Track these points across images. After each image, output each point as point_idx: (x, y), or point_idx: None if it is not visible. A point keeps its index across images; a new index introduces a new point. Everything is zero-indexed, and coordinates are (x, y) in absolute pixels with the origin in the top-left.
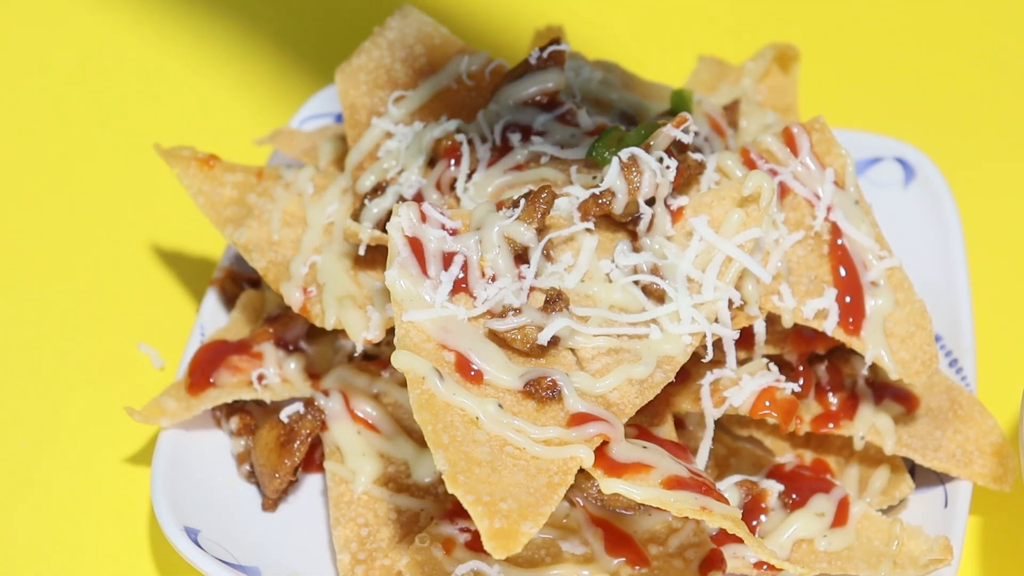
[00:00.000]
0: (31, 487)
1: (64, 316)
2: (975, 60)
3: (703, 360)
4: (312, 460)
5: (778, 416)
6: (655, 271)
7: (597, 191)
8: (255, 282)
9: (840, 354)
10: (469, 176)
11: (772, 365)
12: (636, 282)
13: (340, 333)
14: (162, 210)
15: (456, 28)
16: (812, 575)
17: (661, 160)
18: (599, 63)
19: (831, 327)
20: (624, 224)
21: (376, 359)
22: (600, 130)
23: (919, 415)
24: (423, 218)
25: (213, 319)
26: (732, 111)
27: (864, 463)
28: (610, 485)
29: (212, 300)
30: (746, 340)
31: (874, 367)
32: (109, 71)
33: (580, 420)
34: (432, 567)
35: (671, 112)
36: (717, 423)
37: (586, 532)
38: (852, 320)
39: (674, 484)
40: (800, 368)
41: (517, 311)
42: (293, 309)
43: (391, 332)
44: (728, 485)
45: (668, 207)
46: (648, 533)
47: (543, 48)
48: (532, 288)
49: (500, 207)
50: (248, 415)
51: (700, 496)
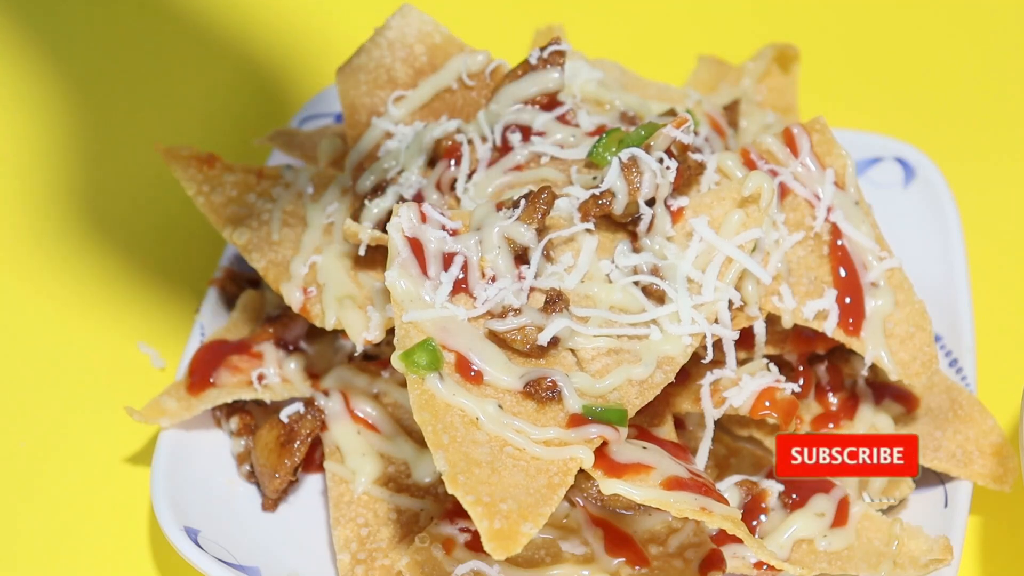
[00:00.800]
0: (31, 487)
1: (64, 316)
2: (975, 60)
3: (703, 361)
4: (312, 460)
5: (778, 416)
6: (655, 272)
7: (597, 191)
8: (255, 282)
9: (840, 354)
10: (469, 176)
11: (772, 365)
12: (636, 283)
13: (340, 333)
14: (162, 210)
15: (456, 28)
16: (812, 575)
17: (661, 161)
18: (599, 63)
19: (831, 328)
20: (624, 225)
21: (376, 359)
22: (600, 130)
23: (919, 415)
24: (423, 218)
25: (213, 319)
26: (732, 111)
27: None
28: (610, 486)
29: (212, 300)
30: (746, 340)
31: (874, 367)
32: (109, 71)
33: (580, 421)
34: (432, 567)
35: (665, 115)
36: (717, 423)
37: (586, 532)
38: (852, 321)
39: (674, 485)
40: (800, 368)
41: (517, 312)
42: (293, 309)
43: (391, 332)
44: (728, 485)
45: (668, 207)
46: (648, 533)
47: (543, 48)
48: (532, 288)
49: (500, 207)
50: (248, 415)
51: (700, 497)
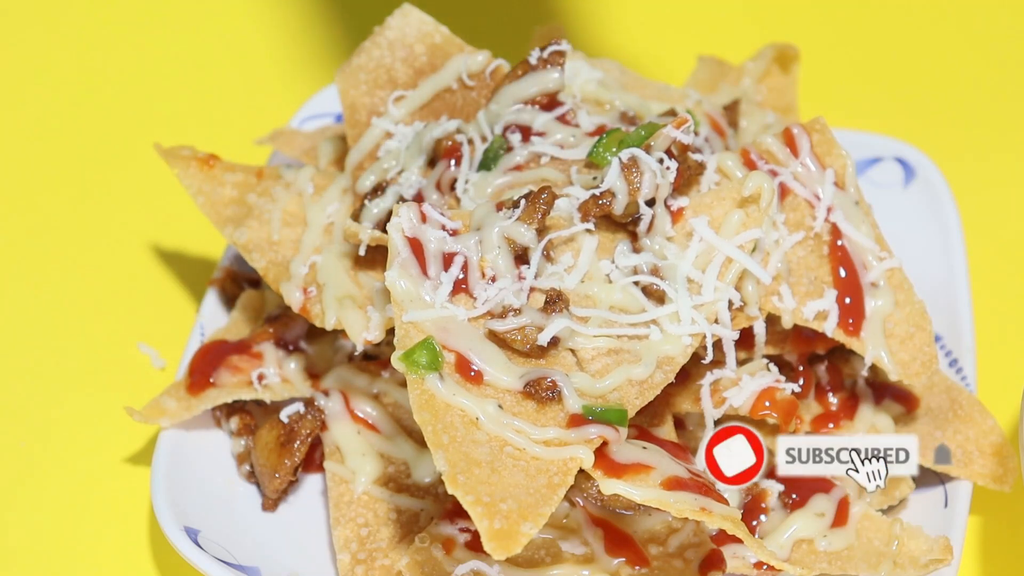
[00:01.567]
0: (31, 487)
1: (64, 316)
2: (975, 60)
3: (703, 361)
4: (312, 460)
5: (778, 416)
6: (655, 272)
7: (597, 192)
8: (255, 282)
9: (840, 354)
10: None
11: (772, 365)
12: (636, 283)
13: (340, 333)
14: (162, 210)
15: (456, 28)
16: (812, 575)
17: (661, 161)
18: (599, 63)
19: (831, 328)
20: (624, 225)
21: (376, 359)
22: (600, 131)
23: (919, 415)
24: (423, 218)
25: (213, 319)
26: (732, 111)
27: None
28: (610, 486)
29: (212, 300)
30: (746, 340)
31: (874, 367)
32: (109, 71)
33: (580, 421)
34: (432, 567)
35: (665, 115)
36: (717, 423)
37: (586, 532)
38: (852, 321)
39: (674, 485)
40: (800, 368)
41: (517, 312)
42: (293, 309)
43: (391, 332)
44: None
45: (668, 208)
46: (648, 533)
47: (543, 48)
48: (532, 289)
49: (500, 207)
50: (248, 415)
51: (700, 497)
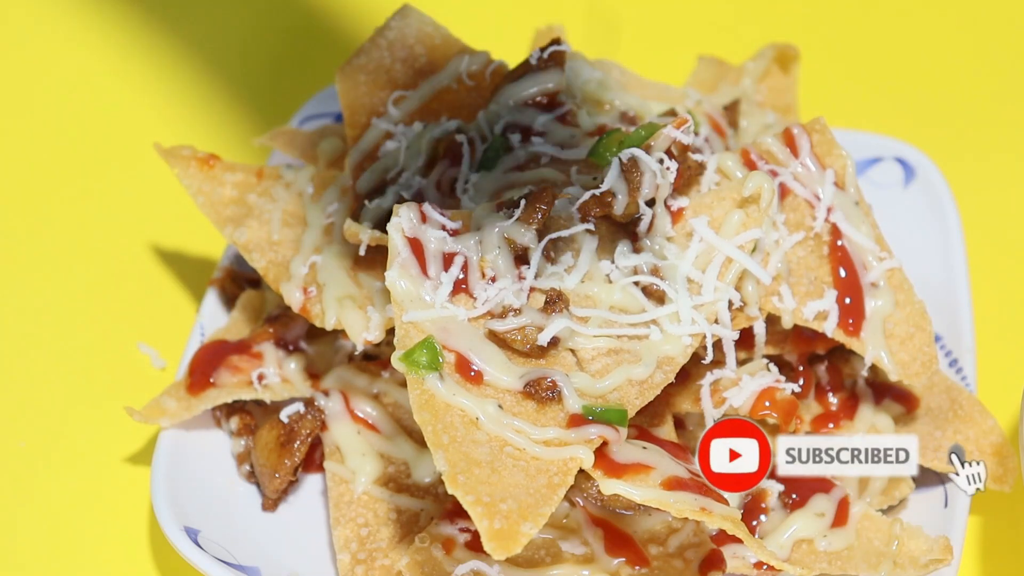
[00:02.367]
0: (31, 487)
1: (64, 316)
2: (975, 60)
3: (703, 361)
4: (312, 460)
5: (778, 416)
6: (655, 272)
7: (597, 192)
8: (255, 282)
9: (840, 354)
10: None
11: (772, 365)
12: (636, 283)
13: (340, 333)
14: (162, 210)
15: (456, 28)
16: (812, 575)
17: (661, 161)
18: (599, 63)
19: (831, 328)
20: (624, 225)
21: (376, 359)
22: (600, 131)
23: (919, 415)
24: (423, 218)
25: (213, 319)
26: (732, 111)
27: None
28: (610, 486)
29: (212, 300)
30: (746, 340)
31: (874, 367)
32: (109, 71)
33: (580, 421)
34: (432, 567)
35: (666, 115)
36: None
37: (586, 532)
38: (852, 321)
39: (674, 485)
40: (800, 368)
41: (517, 312)
42: (293, 309)
43: (391, 332)
44: None
45: (668, 208)
46: (648, 533)
47: (543, 48)
48: (532, 289)
49: (500, 208)
50: (248, 415)
51: (700, 497)
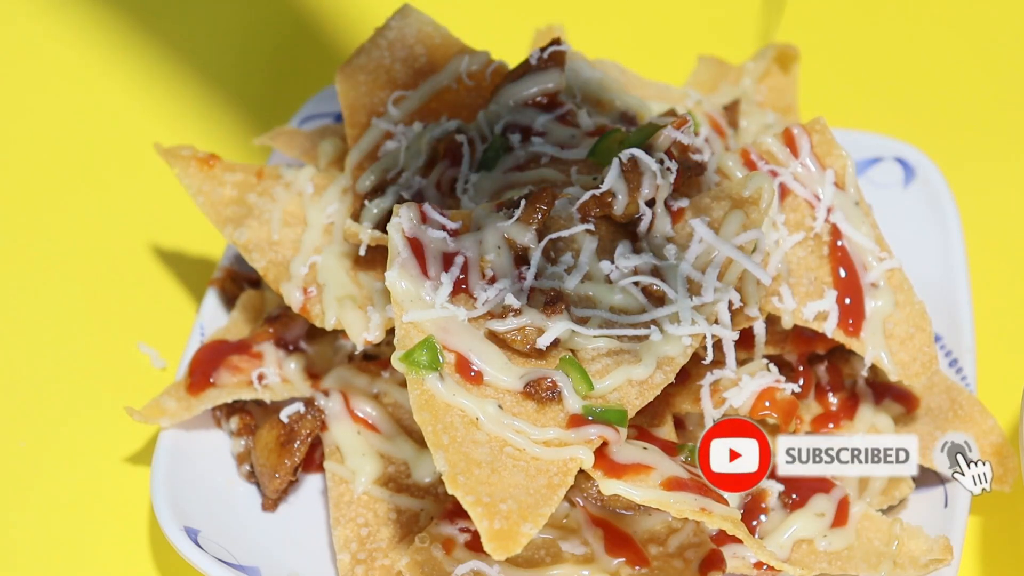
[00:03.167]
0: (31, 487)
1: (64, 316)
2: (975, 60)
3: (703, 361)
4: (312, 460)
5: (778, 417)
6: (655, 272)
7: (597, 192)
8: (255, 282)
9: (840, 354)
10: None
11: (772, 365)
12: (636, 283)
13: (340, 333)
14: (162, 210)
15: (456, 28)
16: (812, 575)
17: (661, 161)
18: (599, 63)
19: (831, 329)
20: (624, 225)
21: (376, 359)
22: (600, 131)
23: (919, 415)
24: (423, 218)
25: (213, 319)
26: (732, 111)
27: None
28: (610, 486)
29: (212, 300)
30: (746, 341)
31: (874, 367)
32: (109, 70)
33: (580, 421)
34: (432, 567)
35: (666, 116)
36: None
37: (586, 532)
38: (852, 322)
39: (674, 485)
40: (800, 368)
41: (517, 312)
42: (293, 309)
43: (391, 332)
44: None
45: (668, 208)
46: (648, 533)
47: (543, 48)
48: (532, 289)
49: (500, 208)
50: (248, 415)
51: (700, 497)
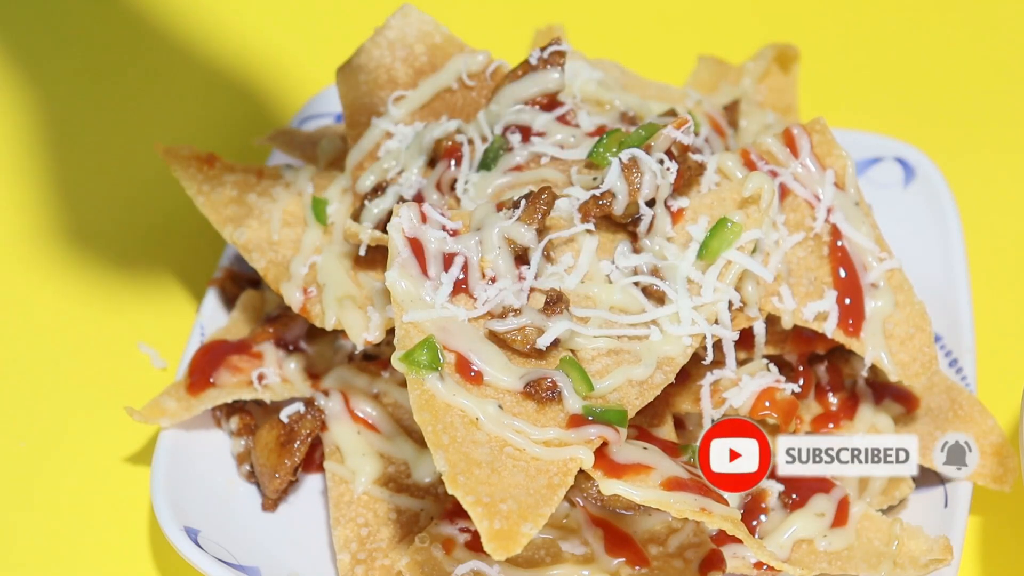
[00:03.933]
0: (31, 487)
1: (64, 316)
2: (975, 60)
3: (703, 361)
4: (312, 460)
5: (778, 417)
6: (655, 272)
7: (597, 192)
8: (255, 282)
9: (840, 354)
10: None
11: (772, 366)
12: (636, 283)
13: (340, 333)
14: (162, 210)
15: (456, 28)
16: (812, 575)
17: (661, 162)
18: (599, 63)
19: (831, 329)
20: (624, 225)
21: (376, 359)
22: (600, 131)
23: (919, 415)
24: (423, 219)
25: (213, 319)
26: (732, 111)
27: None
28: (610, 486)
29: (212, 300)
30: (746, 341)
31: (874, 367)
32: (109, 71)
33: (580, 421)
34: (432, 567)
35: (666, 116)
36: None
37: (586, 532)
38: (852, 322)
39: (674, 485)
40: (800, 368)
41: (517, 312)
42: (293, 309)
43: (391, 332)
44: None
45: (668, 208)
46: (648, 533)
47: (543, 48)
48: (532, 289)
49: (500, 208)
50: (248, 415)
51: (700, 497)
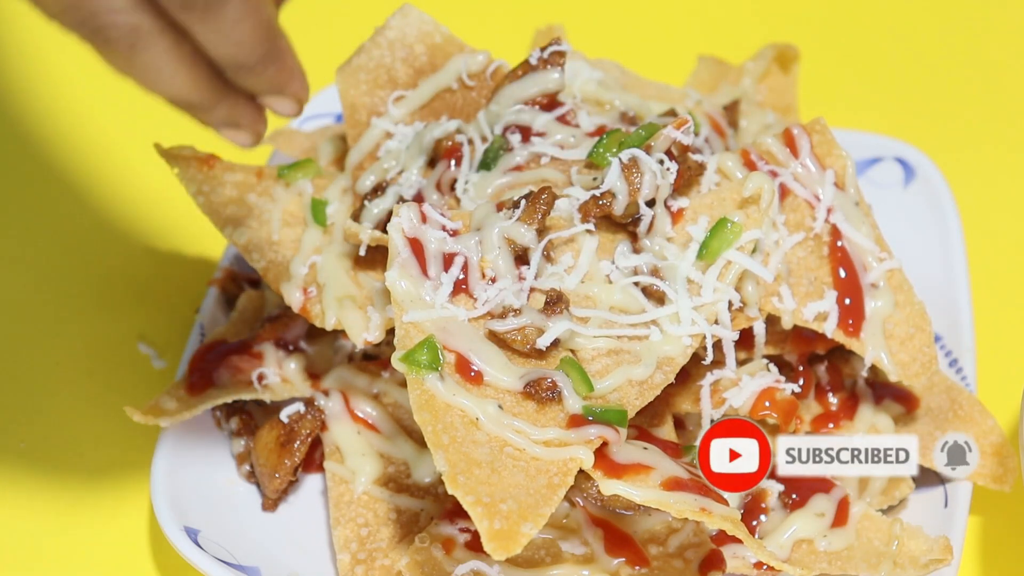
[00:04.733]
0: (31, 487)
1: (64, 316)
2: (975, 60)
3: (703, 361)
4: (312, 460)
5: (778, 417)
6: (655, 272)
7: (597, 192)
8: (255, 282)
9: (840, 354)
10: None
11: (772, 366)
12: (636, 283)
13: (340, 333)
14: (162, 210)
15: (456, 28)
16: (812, 575)
17: (661, 162)
18: (599, 63)
19: (831, 329)
20: (624, 225)
21: (376, 359)
22: (600, 131)
23: (919, 415)
24: (423, 219)
25: (213, 319)
26: (732, 111)
27: None
28: (610, 486)
29: (212, 300)
30: (746, 341)
31: (874, 367)
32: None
33: (580, 421)
34: (432, 567)
35: (666, 116)
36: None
37: (586, 532)
38: (852, 322)
39: (674, 485)
40: (800, 368)
41: (517, 312)
42: (293, 309)
43: (391, 332)
44: None
45: (668, 208)
46: (648, 533)
47: (543, 48)
48: (532, 289)
49: (500, 208)
50: (248, 415)
51: (700, 497)
